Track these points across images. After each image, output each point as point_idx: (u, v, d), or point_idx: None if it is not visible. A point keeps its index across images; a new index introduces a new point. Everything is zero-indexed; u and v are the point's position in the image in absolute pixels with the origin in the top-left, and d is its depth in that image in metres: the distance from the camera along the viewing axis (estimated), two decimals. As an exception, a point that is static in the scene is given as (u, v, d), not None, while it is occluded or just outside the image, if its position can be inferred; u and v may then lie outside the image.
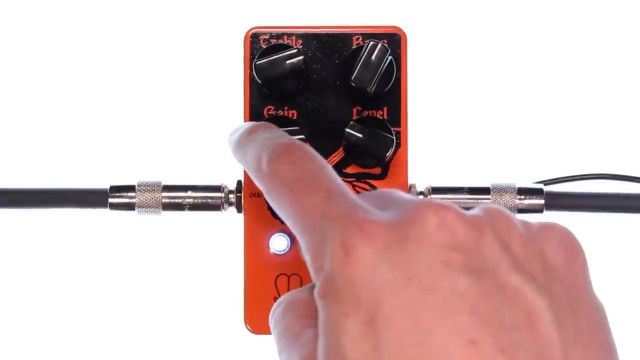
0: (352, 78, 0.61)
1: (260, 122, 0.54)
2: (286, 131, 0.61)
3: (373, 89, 0.61)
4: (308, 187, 0.45)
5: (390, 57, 0.62)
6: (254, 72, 0.61)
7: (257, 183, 0.49)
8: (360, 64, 0.61)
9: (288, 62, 0.61)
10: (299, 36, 0.63)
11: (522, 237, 0.44)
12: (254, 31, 0.63)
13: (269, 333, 0.63)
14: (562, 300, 0.42)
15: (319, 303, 0.43)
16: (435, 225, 0.42)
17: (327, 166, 0.47)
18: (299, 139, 0.61)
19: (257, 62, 0.61)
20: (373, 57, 0.60)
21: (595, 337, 0.43)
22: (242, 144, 0.52)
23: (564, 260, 0.44)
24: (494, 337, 0.40)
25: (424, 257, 0.41)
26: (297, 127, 0.61)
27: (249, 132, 0.52)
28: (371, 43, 0.61)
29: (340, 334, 0.41)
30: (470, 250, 0.42)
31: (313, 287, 0.46)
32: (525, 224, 0.44)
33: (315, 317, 0.44)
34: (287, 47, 0.62)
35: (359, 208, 0.43)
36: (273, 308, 0.48)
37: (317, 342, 0.43)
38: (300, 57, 0.61)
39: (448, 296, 0.41)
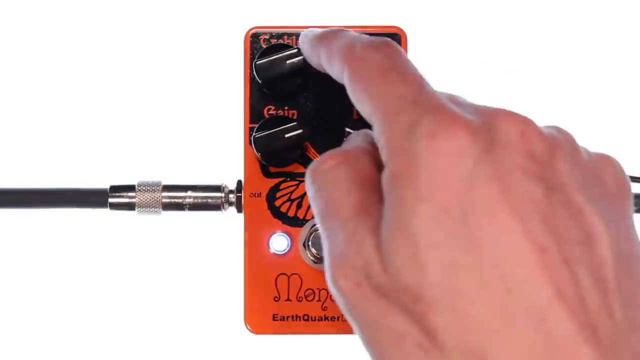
0: None
1: None
2: (284, 127, 0.61)
3: None
4: (401, 77, 0.46)
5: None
6: (254, 72, 0.61)
7: (339, 69, 0.49)
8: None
9: (288, 62, 0.61)
10: (299, 36, 0.63)
11: (586, 162, 0.45)
12: (254, 31, 0.63)
13: (269, 333, 0.63)
14: (617, 228, 0.44)
15: (390, 184, 0.43)
16: (518, 133, 0.43)
17: (417, 68, 0.47)
18: (298, 133, 0.61)
19: (257, 62, 0.61)
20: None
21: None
22: (328, 35, 0.51)
23: (617, 192, 0.46)
24: (560, 248, 0.41)
25: (506, 160, 0.42)
26: (295, 123, 0.61)
27: (338, 29, 0.52)
28: None
29: (414, 218, 0.42)
30: (545, 163, 0.43)
31: (368, 155, 0.47)
32: (586, 150, 0.47)
33: (375, 189, 0.45)
34: (287, 47, 0.62)
35: (449, 105, 0.44)
36: (319, 168, 0.47)
37: (381, 217, 0.43)
38: (301, 57, 0.61)
39: (525, 201, 0.42)
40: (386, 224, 0.43)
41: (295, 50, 0.61)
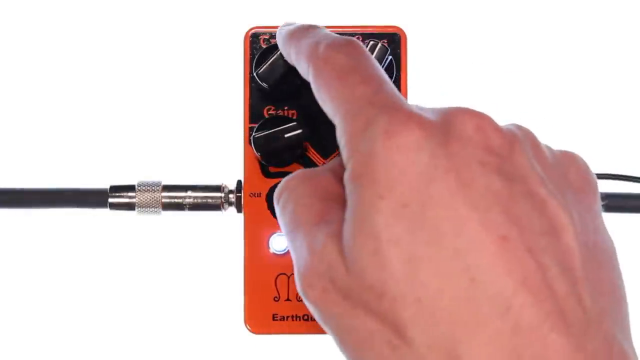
0: None
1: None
2: (284, 127, 0.61)
3: None
4: (361, 77, 0.46)
5: (390, 57, 0.62)
6: (260, 81, 0.61)
7: (305, 68, 0.50)
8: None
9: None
10: (299, 36, 0.63)
11: (548, 158, 0.46)
12: (254, 31, 0.63)
13: (269, 333, 0.63)
14: (582, 220, 0.44)
15: (350, 185, 0.44)
16: (474, 128, 0.44)
17: (380, 67, 0.48)
18: (298, 133, 0.61)
19: (258, 72, 0.61)
20: (374, 56, 0.60)
21: (609, 263, 0.45)
22: (298, 33, 0.52)
23: (582, 186, 0.46)
24: (523, 237, 0.42)
25: (463, 154, 0.43)
26: (295, 123, 0.61)
27: (309, 27, 0.52)
28: (371, 43, 0.61)
29: (374, 214, 0.42)
30: (504, 157, 0.44)
31: (331, 171, 0.48)
32: (549, 147, 0.47)
33: (337, 200, 0.46)
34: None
35: (405, 104, 0.45)
36: (284, 186, 0.48)
37: (342, 222, 0.44)
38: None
39: (483, 193, 0.42)
40: (348, 225, 0.44)
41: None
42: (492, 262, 0.41)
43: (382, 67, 0.61)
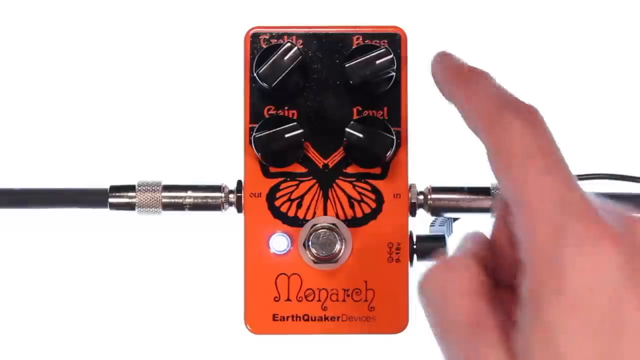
0: (347, 65, 0.61)
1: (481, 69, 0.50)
2: (285, 127, 0.61)
3: (361, 80, 0.60)
4: (547, 164, 0.44)
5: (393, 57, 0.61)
6: (260, 82, 0.61)
7: (478, 129, 0.46)
8: (362, 59, 0.60)
9: (286, 57, 0.61)
10: (299, 36, 0.63)
11: None
12: (254, 31, 0.63)
13: (269, 333, 0.63)
14: None
15: (533, 292, 0.42)
16: None
17: (558, 145, 0.45)
18: (298, 133, 0.61)
19: (259, 72, 0.61)
20: (378, 62, 0.60)
21: None
22: (466, 80, 0.49)
23: None
24: None
25: None
26: (295, 123, 0.61)
27: (478, 72, 0.49)
28: (384, 50, 0.61)
29: (560, 334, 0.41)
30: None
31: (475, 259, 0.45)
32: None
33: (488, 299, 0.44)
34: (278, 45, 0.61)
35: (593, 207, 0.43)
36: (426, 280, 0.45)
37: (501, 329, 0.43)
38: (296, 48, 0.61)
39: None
40: (525, 338, 0.42)
41: (288, 45, 0.61)
42: None
43: (382, 72, 0.61)
